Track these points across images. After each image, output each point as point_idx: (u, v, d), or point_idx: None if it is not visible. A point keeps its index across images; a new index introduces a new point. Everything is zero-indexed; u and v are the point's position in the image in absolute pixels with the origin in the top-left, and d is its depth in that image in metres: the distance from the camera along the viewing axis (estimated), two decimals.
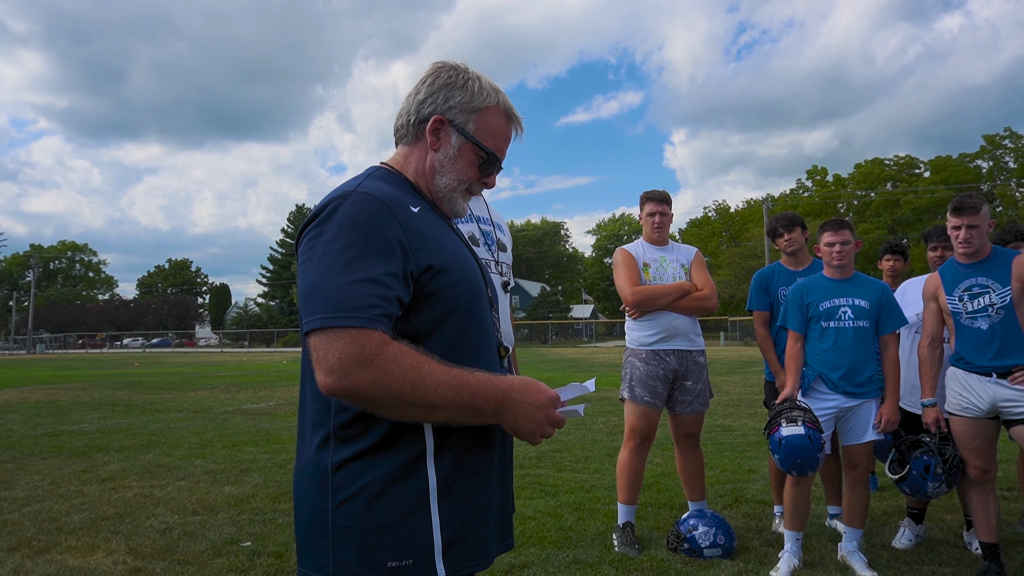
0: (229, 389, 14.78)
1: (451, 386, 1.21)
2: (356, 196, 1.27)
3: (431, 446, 1.28)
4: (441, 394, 1.20)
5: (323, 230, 1.25)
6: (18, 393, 14.43)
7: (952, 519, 4.35)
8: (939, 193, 49.06)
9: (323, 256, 1.22)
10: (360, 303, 1.18)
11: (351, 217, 1.24)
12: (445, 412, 1.22)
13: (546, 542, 3.97)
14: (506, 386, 1.27)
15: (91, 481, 5.75)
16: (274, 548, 3.93)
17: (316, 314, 1.19)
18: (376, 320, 1.18)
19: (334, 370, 1.16)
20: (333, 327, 1.17)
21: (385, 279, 1.22)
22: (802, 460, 3.35)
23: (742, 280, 46.58)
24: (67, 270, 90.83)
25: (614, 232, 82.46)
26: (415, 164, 1.46)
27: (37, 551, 3.96)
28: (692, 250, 4.21)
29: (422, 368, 1.19)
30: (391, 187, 1.36)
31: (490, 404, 1.25)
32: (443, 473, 1.28)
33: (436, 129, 1.42)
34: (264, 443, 7.55)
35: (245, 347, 55.81)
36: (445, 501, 1.28)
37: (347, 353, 1.15)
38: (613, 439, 7.40)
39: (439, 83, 1.43)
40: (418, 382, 1.18)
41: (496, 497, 1.40)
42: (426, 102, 1.43)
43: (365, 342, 1.16)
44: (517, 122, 1.51)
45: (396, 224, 1.27)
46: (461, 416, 1.24)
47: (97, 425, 9.21)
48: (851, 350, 3.49)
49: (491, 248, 2.45)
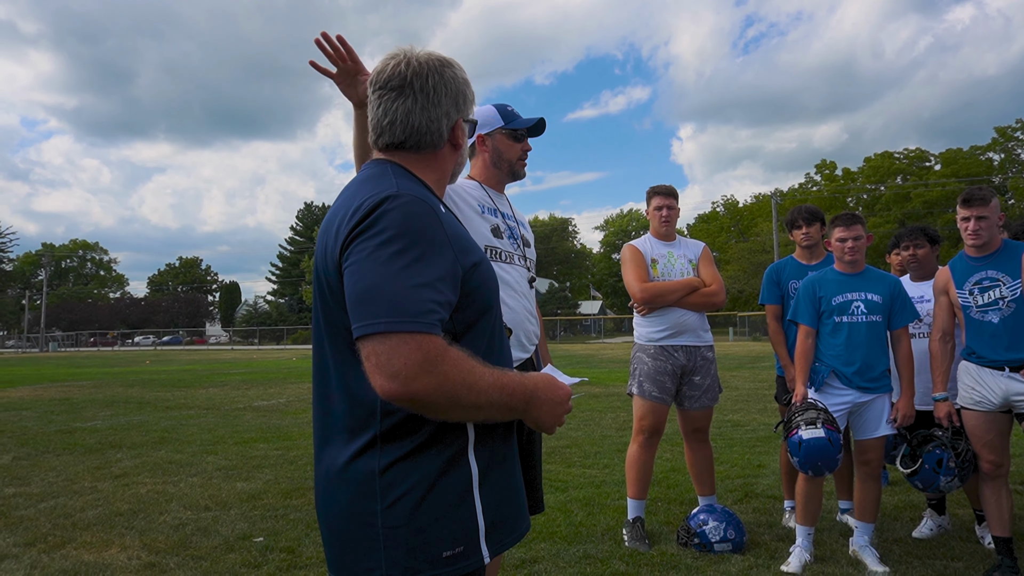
0: (240, 386, 14.86)
1: (495, 388, 1.26)
2: (406, 199, 1.27)
3: (472, 439, 1.32)
4: (489, 396, 1.25)
5: (375, 232, 1.23)
6: (32, 391, 14.56)
7: (964, 513, 4.33)
8: (950, 186, 48.61)
9: (379, 259, 1.21)
10: (422, 308, 1.19)
11: (404, 219, 1.24)
12: (487, 412, 1.28)
13: (556, 537, 3.98)
14: (532, 385, 1.34)
15: (105, 477, 5.81)
16: (286, 543, 3.96)
17: (378, 318, 1.17)
18: (435, 325, 1.20)
19: (398, 375, 1.15)
20: (398, 332, 1.16)
21: (438, 284, 1.23)
22: (822, 462, 3.34)
23: (751, 275, 46.35)
24: (78, 269, 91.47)
25: (622, 228, 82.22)
26: (436, 171, 1.48)
27: (53, 546, 4.01)
28: (700, 245, 4.20)
29: (475, 372, 1.23)
30: (421, 187, 1.38)
31: (521, 403, 1.32)
32: (482, 463, 1.34)
33: (459, 134, 1.47)
34: (275, 439, 7.59)
35: (255, 344, 56.05)
36: (484, 488, 1.33)
37: (413, 359, 1.16)
38: (622, 435, 7.40)
39: (452, 88, 1.45)
40: (472, 385, 1.22)
41: (519, 477, 1.47)
42: (451, 112, 1.45)
43: (429, 348, 1.17)
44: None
45: (441, 226, 1.29)
46: (497, 414, 1.30)
47: (110, 422, 9.29)
48: (865, 345, 3.47)
49: (515, 242, 2.46)
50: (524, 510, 1.47)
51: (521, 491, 1.48)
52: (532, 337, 2.46)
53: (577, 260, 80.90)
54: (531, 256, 2.56)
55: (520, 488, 1.47)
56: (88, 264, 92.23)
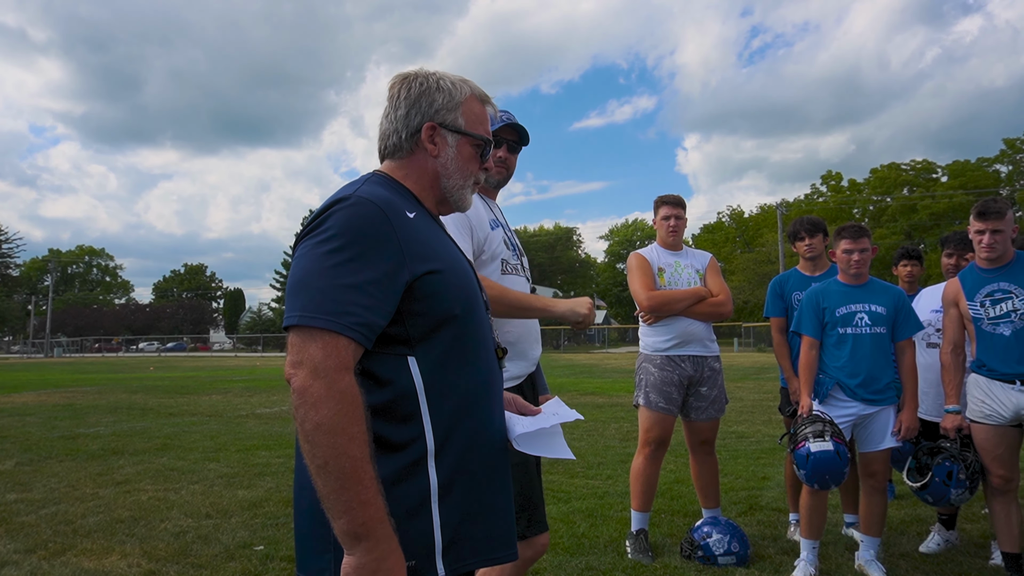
0: (242, 393, 14.85)
1: (348, 462, 1.15)
2: (355, 200, 1.29)
3: (432, 449, 1.28)
4: (338, 463, 1.14)
5: (318, 232, 1.27)
6: (36, 396, 14.58)
7: (972, 528, 4.28)
8: (957, 198, 48.48)
9: (313, 256, 1.25)
10: (339, 308, 1.20)
11: (347, 221, 1.26)
12: (322, 477, 1.15)
13: (559, 548, 3.95)
14: (372, 524, 1.17)
15: (107, 484, 5.80)
16: (286, 552, 3.93)
17: (296, 311, 1.21)
18: (351, 328, 1.20)
19: (298, 365, 1.19)
20: (309, 326, 1.20)
21: (369, 287, 1.23)
22: (829, 475, 3.31)
23: (756, 286, 46.23)
24: (84, 275, 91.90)
25: (626, 237, 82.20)
26: (415, 175, 1.48)
27: (53, 553, 3.99)
28: (707, 256, 4.18)
29: (347, 434, 1.15)
30: (389, 192, 1.38)
31: (353, 526, 1.16)
32: (443, 475, 1.29)
33: (431, 136, 1.46)
34: (277, 447, 7.57)
35: (258, 351, 56.13)
36: (445, 502, 1.28)
37: (312, 355, 1.18)
38: (625, 445, 7.36)
39: (415, 93, 1.47)
40: (335, 427, 1.14)
41: (504, 497, 1.41)
42: (411, 114, 1.46)
43: (332, 351, 1.18)
44: (490, 101, 1.56)
45: (391, 229, 1.28)
46: (327, 501, 1.16)
47: (113, 428, 9.28)
48: (869, 357, 3.44)
49: (515, 252, 2.45)
50: (505, 536, 1.39)
51: (505, 515, 1.41)
52: (537, 349, 2.44)
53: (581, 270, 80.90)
54: (526, 264, 2.55)
55: (504, 512, 1.40)
56: (94, 270, 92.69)
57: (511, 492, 1.45)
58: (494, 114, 1.59)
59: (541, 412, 1.57)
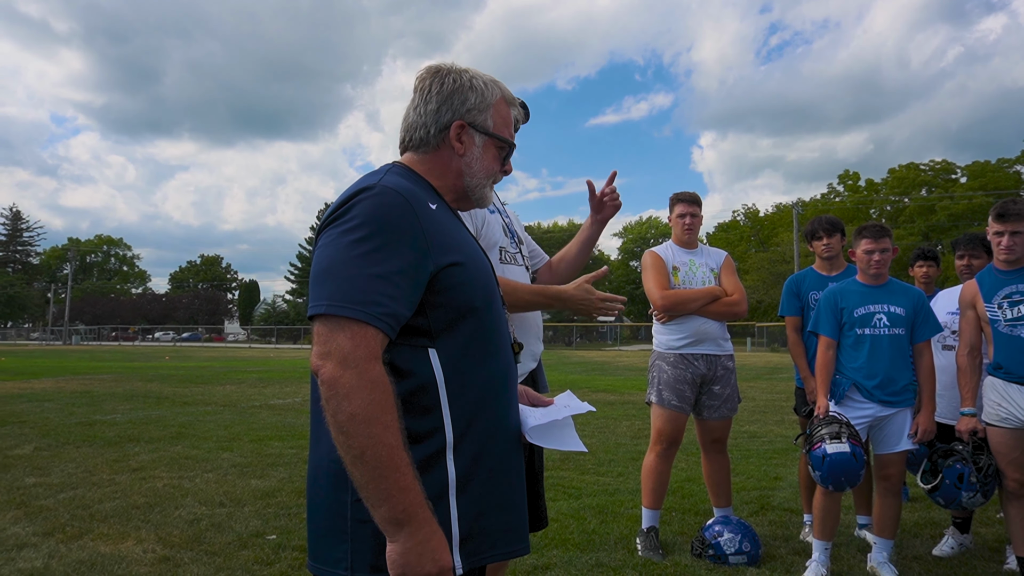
0: (256, 384, 14.98)
1: (384, 450, 1.15)
2: (380, 189, 1.29)
3: (451, 441, 1.28)
4: (375, 452, 1.15)
5: (343, 220, 1.26)
6: (54, 382, 14.79)
7: (987, 532, 4.24)
8: (977, 199, 47.85)
9: (339, 245, 1.24)
10: (367, 297, 1.20)
11: (372, 210, 1.26)
12: (359, 467, 1.16)
13: (569, 545, 3.96)
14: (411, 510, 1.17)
15: (123, 470, 5.88)
16: (299, 542, 3.97)
17: (323, 299, 1.21)
18: (378, 318, 1.20)
19: (325, 356, 1.18)
20: (336, 315, 1.19)
21: (395, 277, 1.22)
22: (845, 477, 3.29)
23: (771, 285, 45.90)
24: (103, 264, 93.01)
25: (641, 235, 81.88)
26: (438, 171, 1.48)
27: (71, 537, 4.06)
28: (722, 254, 4.17)
29: (381, 415, 1.16)
30: (411, 183, 1.37)
31: (394, 513, 1.17)
32: (461, 468, 1.28)
33: (459, 134, 1.46)
34: (290, 438, 7.64)
35: (272, 343, 56.53)
36: (463, 496, 1.28)
37: (341, 345, 1.17)
38: (637, 443, 7.35)
39: (448, 89, 1.46)
40: (370, 419, 1.15)
41: (519, 490, 1.41)
42: (442, 110, 1.45)
43: (361, 340, 1.18)
44: (516, 104, 1.57)
45: (416, 220, 1.28)
46: (366, 491, 1.17)
47: (129, 416, 9.41)
48: (887, 358, 3.41)
49: (513, 239, 2.39)
50: (520, 530, 1.40)
51: (520, 509, 1.41)
52: (539, 346, 2.40)
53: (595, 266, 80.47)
54: (529, 251, 2.49)
55: (518, 506, 1.40)
56: (112, 259, 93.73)
57: (524, 486, 1.45)
58: (519, 117, 1.59)
59: (553, 404, 1.57)
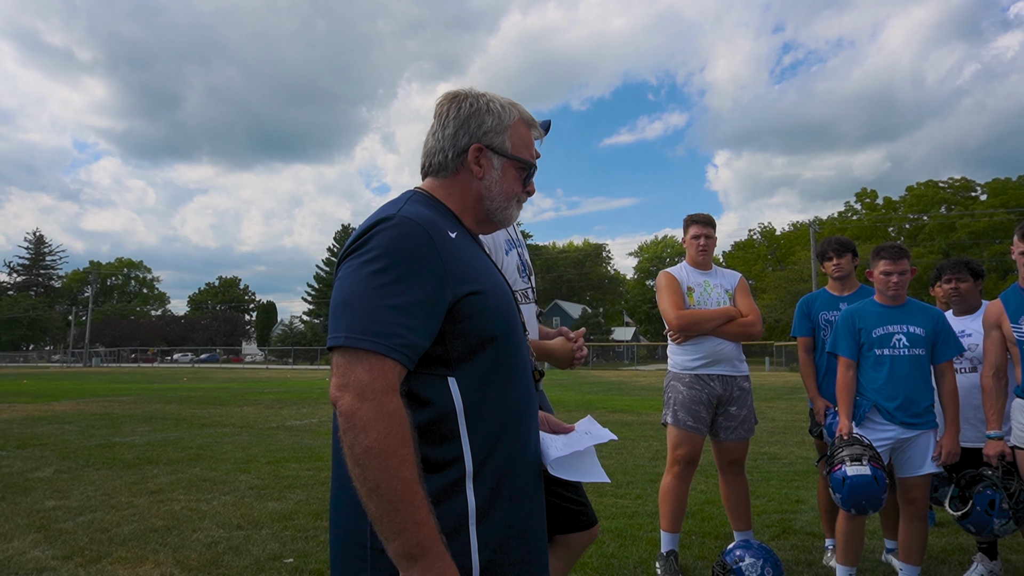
0: (273, 405, 15.03)
1: (400, 484, 1.15)
2: (398, 220, 1.29)
3: (470, 470, 1.27)
4: (390, 486, 1.14)
5: (363, 251, 1.27)
6: (75, 405, 14.95)
7: (1018, 559, 4.13)
8: (997, 217, 47.31)
9: (358, 276, 1.25)
10: (386, 329, 1.20)
11: (390, 241, 1.26)
12: (375, 500, 1.16)
13: (588, 568, 3.91)
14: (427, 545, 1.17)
15: (141, 493, 5.90)
16: (316, 566, 3.95)
17: (342, 331, 1.21)
18: (396, 350, 1.20)
19: (344, 388, 1.19)
20: (354, 347, 1.20)
21: (414, 308, 1.23)
22: (867, 501, 3.22)
23: (787, 304, 45.52)
24: (123, 286, 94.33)
25: (656, 254, 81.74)
26: (458, 195, 1.48)
27: (89, 560, 4.07)
28: (736, 276, 4.15)
29: (398, 448, 1.16)
30: (431, 212, 1.38)
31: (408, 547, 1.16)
32: (481, 497, 1.28)
33: (477, 157, 1.46)
34: (307, 460, 7.64)
35: (289, 364, 56.82)
36: (483, 525, 1.27)
37: (359, 378, 1.18)
38: (655, 464, 7.27)
39: (464, 113, 1.46)
40: (386, 450, 1.15)
41: (538, 520, 1.39)
42: (459, 134, 1.46)
43: (379, 373, 1.18)
44: (536, 125, 1.57)
45: (435, 250, 1.28)
46: (380, 524, 1.17)
47: (147, 438, 9.47)
48: (907, 379, 3.36)
49: (525, 275, 2.42)
50: (540, 561, 1.38)
51: (539, 539, 1.40)
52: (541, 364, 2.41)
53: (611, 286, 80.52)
54: (533, 286, 2.50)
55: (538, 535, 1.39)
56: (132, 282, 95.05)
57: (544, 515, 1.44)
58: (539, 138, 1.59)
59: (574, 430, 1.56)
